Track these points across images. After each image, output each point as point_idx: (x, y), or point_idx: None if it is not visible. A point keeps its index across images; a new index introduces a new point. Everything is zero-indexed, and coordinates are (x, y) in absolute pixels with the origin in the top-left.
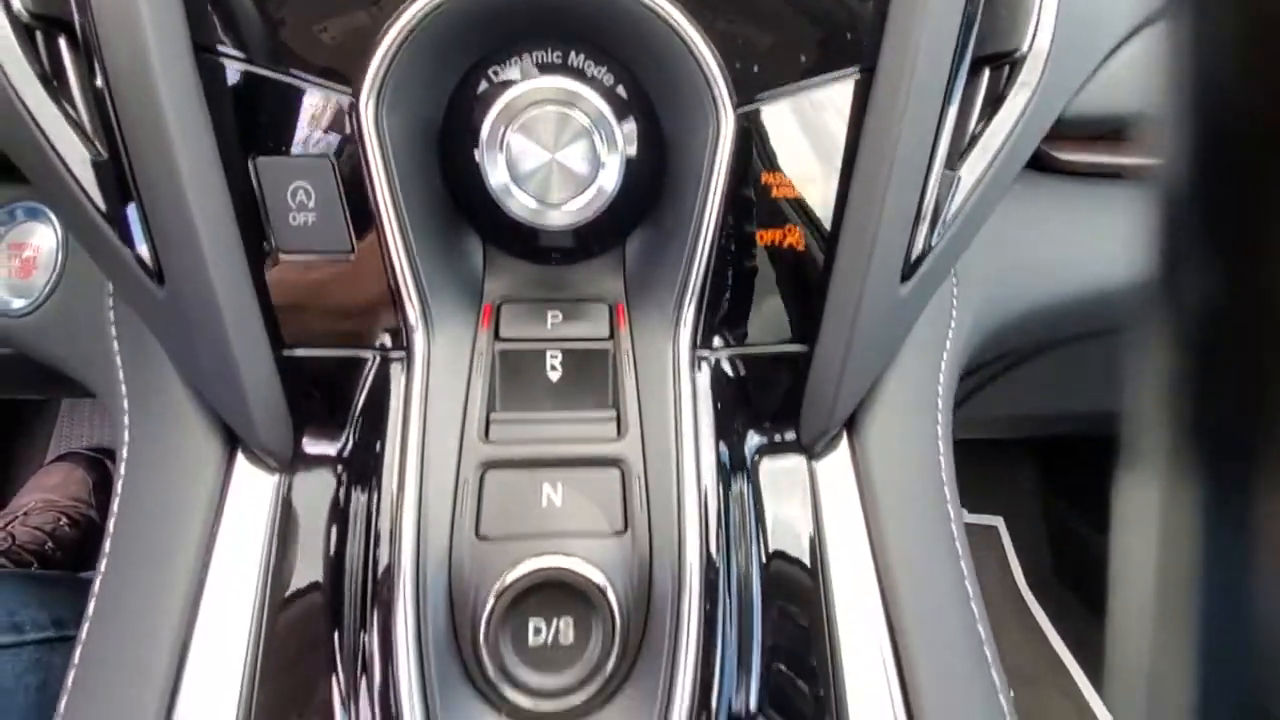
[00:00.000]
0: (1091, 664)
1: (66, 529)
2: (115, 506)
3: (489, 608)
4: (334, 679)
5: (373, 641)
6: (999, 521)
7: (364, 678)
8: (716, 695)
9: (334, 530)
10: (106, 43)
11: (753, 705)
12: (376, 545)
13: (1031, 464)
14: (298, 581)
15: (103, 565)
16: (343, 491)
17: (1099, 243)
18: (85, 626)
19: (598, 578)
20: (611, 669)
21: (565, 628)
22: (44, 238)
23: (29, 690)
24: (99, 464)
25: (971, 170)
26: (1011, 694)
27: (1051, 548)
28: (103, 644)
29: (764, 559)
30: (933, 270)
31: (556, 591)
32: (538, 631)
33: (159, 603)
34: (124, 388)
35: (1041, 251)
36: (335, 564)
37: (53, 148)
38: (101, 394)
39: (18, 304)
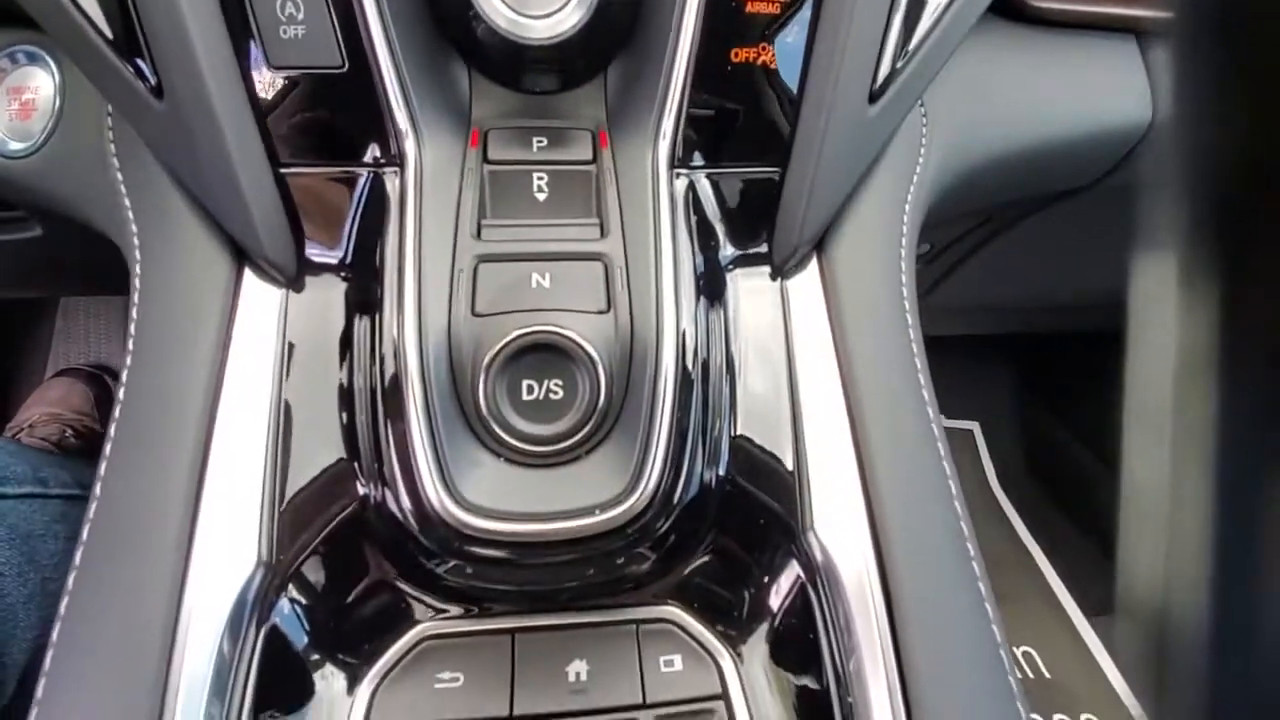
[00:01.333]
0: (1059, 552)
1: (72, 440)
2: (131, 329)
3: (486, 365)
4: (353, 449)
5: (384, 408)
6: (975, 426)
7: (379, 442)
8: (689, 453)
9: (341, 330)
10: None
11: (721, 470)
12: (381, 330)
13: (1008, 369)
14: (310, 375)
15: (124, 375)
16: (347, 293)
17: (1071, 94)
18: (111, 427)
19: (584, 342)
20: (595, 422)
21: (555, 387)
22: (43, 81)
23: (59, 539)
24: (98, 379)
25: None
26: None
27: (1024, 449)
28: (126, 449)
29: (735, 352)
30: (900, 95)
31: (546, 356)
32: (530, 390)
33: (180, 400)
34: (131, 214)
35: (1012, 100)
36: (344, 359)
37: None
38: (108, 229)
39: (16, 146)
